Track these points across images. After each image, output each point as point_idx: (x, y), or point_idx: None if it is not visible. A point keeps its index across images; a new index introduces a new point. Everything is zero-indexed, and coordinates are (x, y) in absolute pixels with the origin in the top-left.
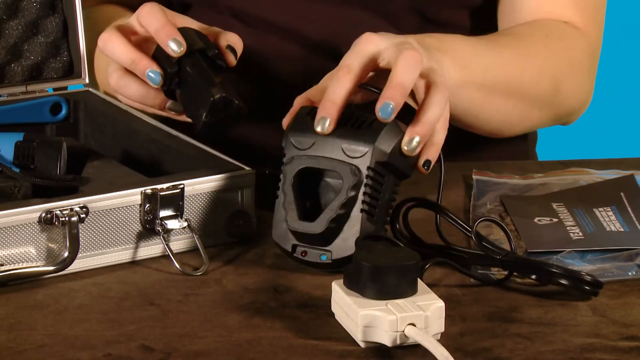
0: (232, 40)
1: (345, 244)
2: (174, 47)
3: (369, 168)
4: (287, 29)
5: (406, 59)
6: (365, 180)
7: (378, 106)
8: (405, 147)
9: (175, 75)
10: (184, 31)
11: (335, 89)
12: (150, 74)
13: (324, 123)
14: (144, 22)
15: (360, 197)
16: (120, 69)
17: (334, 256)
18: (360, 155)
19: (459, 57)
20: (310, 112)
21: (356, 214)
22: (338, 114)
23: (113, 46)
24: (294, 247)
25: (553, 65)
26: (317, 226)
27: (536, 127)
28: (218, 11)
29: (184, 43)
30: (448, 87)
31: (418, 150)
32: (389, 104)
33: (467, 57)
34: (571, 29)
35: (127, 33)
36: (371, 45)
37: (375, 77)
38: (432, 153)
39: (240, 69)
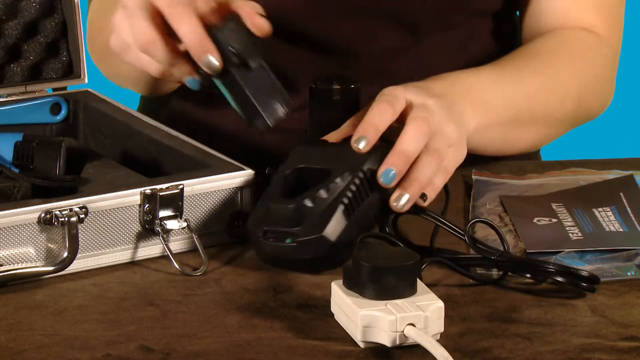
0: (256, 7)
1: (312, 225)
2: (210, 65)
3: (361, 171)
4: (308, 39)
5: (413, 129)
6: (354, 180)
7: (380, 171)
8: (381, 179)
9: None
10: (219, 37)
11: (379, 116)
12: (189, 81)
13: (361, 141)
14: (176, 27)
15: (346, 191)
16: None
17: (299, 237)
18: (356, 161)
19: (480, 101)
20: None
21: (334, 203)
22: (376, 138)
23: (154, 50)
24: (265, 232)
25: (577, 83)
26: (293, 202)
27: (558, 137)
28: None
29: (219, 63)
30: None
31: (394, 182)
32: (390, 169)
33: (489, 97)
34: (593, 38)
35: (158, 23)
36: (402, 100)
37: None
38: (411, 189)
39: None
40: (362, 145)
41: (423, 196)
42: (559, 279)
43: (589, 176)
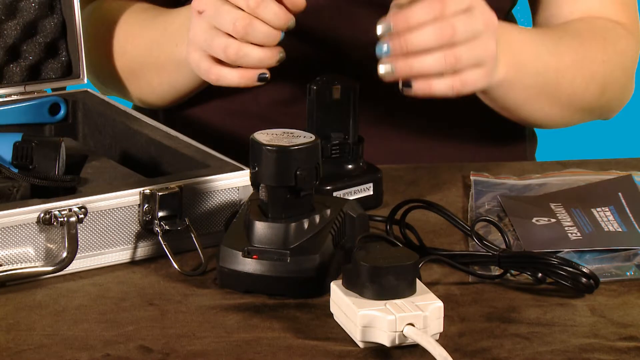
0: None
1: (306, 246)
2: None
3: (342, 211)
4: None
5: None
6: (338, 217)
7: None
8: (377, 51)
9: None
10: None
11: (419, 13)
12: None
13: (382, 25)
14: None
15: (332, 224)
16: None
17: (291, 256)
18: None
19: (518, 58)
20: None
21: (325, 230)
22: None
23: (255, 30)
24: (248, 251)
25: (606, 71)
26: (284, 221)
27: (574, 124)
28: None
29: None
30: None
31: (389, 57)
32: (383, 45)
33: (525, 58)
34: (624, 30)
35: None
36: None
37: None
38: (410, 71)
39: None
40: (380, 31)
41: (405, 84)
42: (561, 272)
43: (588, 176)
